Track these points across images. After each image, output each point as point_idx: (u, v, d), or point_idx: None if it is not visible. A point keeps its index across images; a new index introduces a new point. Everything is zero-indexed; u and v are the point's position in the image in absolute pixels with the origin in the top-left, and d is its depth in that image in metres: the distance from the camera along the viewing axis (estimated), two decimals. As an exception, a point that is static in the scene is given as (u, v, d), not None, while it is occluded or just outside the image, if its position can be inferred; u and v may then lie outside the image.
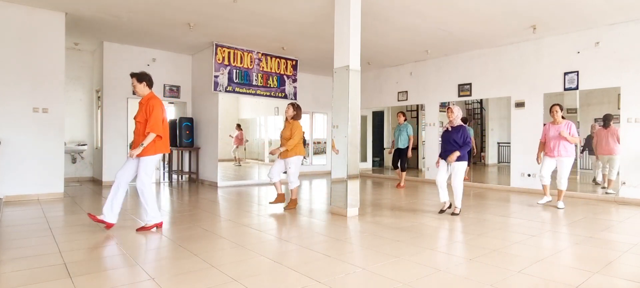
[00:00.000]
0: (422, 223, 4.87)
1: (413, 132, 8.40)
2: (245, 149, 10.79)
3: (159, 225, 4.42)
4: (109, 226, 4.34)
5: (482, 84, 8.81)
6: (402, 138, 8.33)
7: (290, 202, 5.83)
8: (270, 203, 6.04)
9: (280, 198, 5.84)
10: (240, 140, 10.59)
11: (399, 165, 8.46)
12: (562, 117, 6.01)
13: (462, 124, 5.39)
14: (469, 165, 9.73)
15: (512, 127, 8.32)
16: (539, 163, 6.31)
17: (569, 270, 3.15)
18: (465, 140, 5.24)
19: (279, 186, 5.87)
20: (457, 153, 5.21)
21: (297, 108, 5.87)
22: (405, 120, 8.47)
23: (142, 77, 4.39)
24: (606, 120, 7.16)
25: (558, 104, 6.04)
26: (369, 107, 11.67)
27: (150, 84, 4.45)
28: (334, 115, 5.56)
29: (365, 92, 11.20)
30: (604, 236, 4.28)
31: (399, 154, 8.44)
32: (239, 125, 10.53)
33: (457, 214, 5.33)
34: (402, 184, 8.46)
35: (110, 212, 4.30)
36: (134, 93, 4.62)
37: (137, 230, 4.32)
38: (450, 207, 5.53)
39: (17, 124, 6.34)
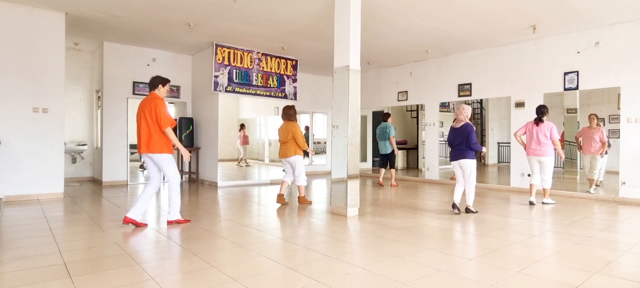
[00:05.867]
0: (422, 223, 4.87)
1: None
2: (246, 149, 10.81)
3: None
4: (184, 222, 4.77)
5: (482, 84, 8.81)
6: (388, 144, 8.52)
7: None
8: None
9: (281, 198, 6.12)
10: (244, 140, 10.63)
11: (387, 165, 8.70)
12: (541, 120, 6.14)
13: (466, 122, 5.47)
14: None
15: (512, 127, 8.32)
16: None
17: (569, 270, 3.14)
18: (468, 138, 5.31)
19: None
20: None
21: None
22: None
23: None
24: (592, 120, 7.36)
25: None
26: (369, 107, 11.67)
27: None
28: (334, 115, 5.56)
29: (365, 92, 11.19)
30: (604, 236, 4.28)
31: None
32: (242, 125, 10.55)
33: (473, 212, 5.41)
34: (381, 181, 8.72)
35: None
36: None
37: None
38: (455, 207, 5.50)
39: (17, 123, 6.34)
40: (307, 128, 12.44)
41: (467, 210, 5.43)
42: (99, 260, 3.32)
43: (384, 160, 8.69)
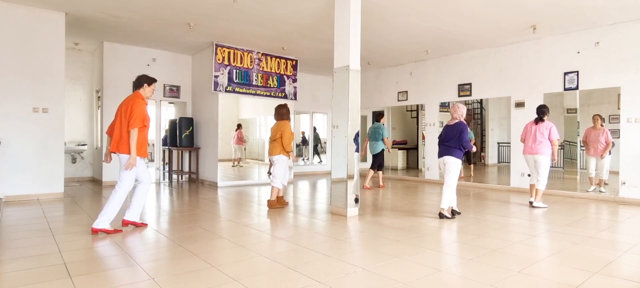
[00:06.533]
0: (422, 223, 4.87)
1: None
2: (245, 149, 10.80)
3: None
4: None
5: (482, 84, 8.81)
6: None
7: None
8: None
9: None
10: (240, 140, 10.61)
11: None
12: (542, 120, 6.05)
13: (460, 120, 5.14)
14: (469, 163, 9.76)
15: (512, 127, 8.32)
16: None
17: (569, 270, 3.14)
18: (459, 136, 4.95)
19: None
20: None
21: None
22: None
23: None
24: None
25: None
26: (369, 107, 11.67)
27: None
28: (334, 115, 5.56)
29: (365, 92, 11.19)
30: (604, 236, 4.28)
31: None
32: (239, 125, 10.55)
33: (446, 217, 5.02)
34: (381, 184, 8.59)
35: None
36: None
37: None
38: (454, 213, 5.21)
39: (17, 124, 6.34)
40: (314, 129, 12.43)
41: (441, 216, 5.03)
42: (99, 260, 3.32)
43: (375, 161, 8.59)
